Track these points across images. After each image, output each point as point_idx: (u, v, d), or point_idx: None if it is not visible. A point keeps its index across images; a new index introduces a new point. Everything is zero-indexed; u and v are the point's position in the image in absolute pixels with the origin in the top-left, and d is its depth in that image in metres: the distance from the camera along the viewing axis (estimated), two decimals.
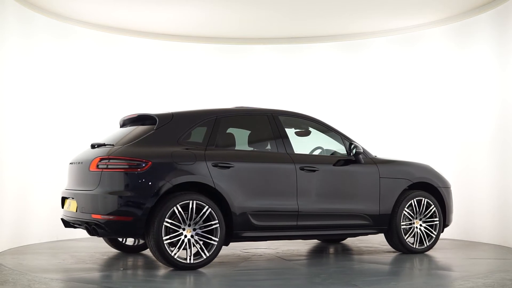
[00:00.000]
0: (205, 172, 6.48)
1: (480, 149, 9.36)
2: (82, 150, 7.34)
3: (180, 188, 6.44)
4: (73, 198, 6.74)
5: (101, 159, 6.37)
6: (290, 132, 7.75)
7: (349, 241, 9.15)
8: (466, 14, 9.65)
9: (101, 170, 6.35)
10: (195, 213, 6.35)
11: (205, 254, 6.36)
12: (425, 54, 10.40)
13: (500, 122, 8.97)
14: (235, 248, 8.29)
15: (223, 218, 6.50)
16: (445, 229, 8.09)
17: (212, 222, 6.40)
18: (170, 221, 6.23)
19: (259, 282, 5.97)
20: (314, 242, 9.18)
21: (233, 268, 6.66)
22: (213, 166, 6.54)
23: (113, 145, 6.63)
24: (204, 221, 6.42)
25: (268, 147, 7.24)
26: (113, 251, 8.02)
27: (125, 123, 7.32)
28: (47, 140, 9.40)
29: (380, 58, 10.90)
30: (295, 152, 7.18)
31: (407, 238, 7.60)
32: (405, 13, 9.79)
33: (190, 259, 6.30)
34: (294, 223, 6.97)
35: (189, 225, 6.33)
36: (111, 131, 7.56)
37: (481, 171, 9.29)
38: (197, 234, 6.36)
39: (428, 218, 7.76)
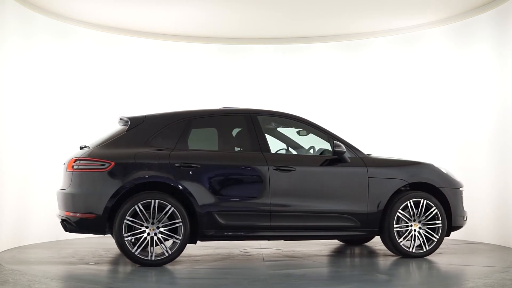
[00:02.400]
0: (168, 172, 6.69)
1: (480, 149, 9.36)
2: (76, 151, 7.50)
3: (146, 188, 6.70)
4: None
5: (75, 160, 6.78)
6: (272, 131, 7.72)
7: (372, 243, 8.89)
8: (466, 14, 9.65)
9: (73, 170, 6.77)
10: (159, 212, 6.59)
11: (167, 251, 6.60)
12: (425, 54, 10.39)
13: (500, 122, 8.97)
14: (238, 247, 8.31)
15: (189, 217, 6.69)
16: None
17: (175, 221, 6.61)
18: (131, 219, 6.52)
19: (186, 280, 6.04)
20: (333, 242, 8.98)
21: (193, 266, 6.79)
22: (177, 166, 6.73)
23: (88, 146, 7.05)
24: (170, 220, 6.63)
25: (243, 147, 7.24)
26: (115, 248, 8.02)
27: (120, 124, 7.48)
28: (47, 140, 9.40)
29: (380, 58, 10.90)
30: (272, 152, 7.15)
31: (401, 241, 7.24)
32: (405, 13, 9.79)
33: (151, 256, 6.56)
34: (267, 223, 6.93)
35: (152, 223, 6.58)
36: (107, 131, 7.63)
37: (481, 171, 9.29)
38: (160, 232, 6.59)
39: (430, 220, 7.35)
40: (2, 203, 8.26)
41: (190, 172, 6.74)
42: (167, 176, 6.67)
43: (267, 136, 7.47)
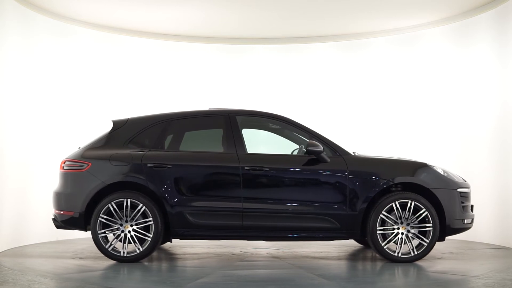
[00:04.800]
0: (140, 172, 7.00)
1: (480, 149, 9.36)
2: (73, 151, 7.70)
3: (124, 188, 7.05)
4: None
5: (65, 161, 7.23)
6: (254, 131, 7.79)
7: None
8: (466, 14, 9.65)
9: (62, 170, 7.23)
10: (132, 211, 6.93)
11: (138, 248, 6.91)
12: (425, 54, 10.39)
13: (500, 122, 8.98)
14: (240, 247, 8.31)
15: (162, 215, 6.95)
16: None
17: (147, 219, 6.91)
18: (105, 217, 6.92)
19: (133, 275, 6.20)
20: (350, 244, 8.86)
21: (162, 263, 7.07)
22: (149, 166, 7.00)
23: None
24: (144, 218, 6.95)
25: (219, 147, 7.28)
26: None
27: None
28: (47, 140, 9.40)
29: (380, 58, 10.90)
30: (248, 152, 7.09)
31: (385, 244, 6.87)
32: (405, 13, 9.80)
33: (124, 253, 6.92)
34: (239, 223, 6.93)
35: (127, 221, 6.94)
36: (101, 132, 7.70)
37: (481, 171, 9.29)
38: (134, 230, 6.95)
39: (420, 223, 6.91)
40: (2, 203, 8.26)
41: (162, 173, 6.98)
42: (139, 177, 6.96)
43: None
